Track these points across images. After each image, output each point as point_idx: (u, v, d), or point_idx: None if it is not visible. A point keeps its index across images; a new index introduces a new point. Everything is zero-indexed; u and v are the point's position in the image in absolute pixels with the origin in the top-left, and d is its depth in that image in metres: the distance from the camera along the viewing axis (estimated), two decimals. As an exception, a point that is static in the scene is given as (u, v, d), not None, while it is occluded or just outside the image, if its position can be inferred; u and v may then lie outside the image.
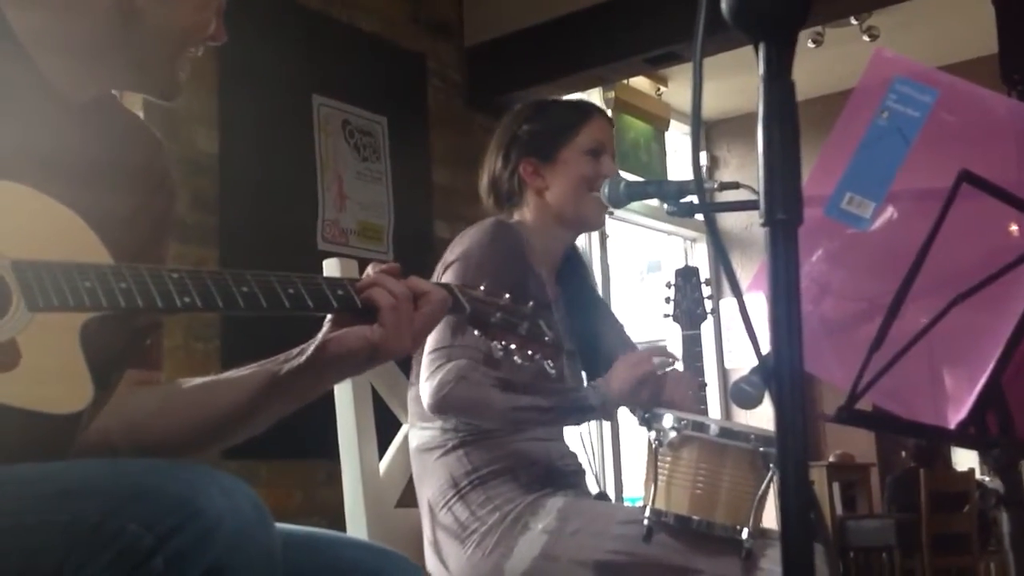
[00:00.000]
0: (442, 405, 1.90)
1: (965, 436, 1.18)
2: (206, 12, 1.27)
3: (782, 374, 0.74)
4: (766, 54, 0.80)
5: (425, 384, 1.91)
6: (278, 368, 1.22)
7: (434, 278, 2.04)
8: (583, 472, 2.13)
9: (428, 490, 2.02)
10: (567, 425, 2.11)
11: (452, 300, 1.29)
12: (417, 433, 2.07)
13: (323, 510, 3.91)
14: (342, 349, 1.20)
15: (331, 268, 1.97)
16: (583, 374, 2.20)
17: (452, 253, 2.04)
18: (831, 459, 7.32)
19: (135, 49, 1.24)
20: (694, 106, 0.87)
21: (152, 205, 1.32)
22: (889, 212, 1.22)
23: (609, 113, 2.47)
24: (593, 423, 2.28)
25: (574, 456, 2.14)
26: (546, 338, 1.36)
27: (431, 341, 1.92)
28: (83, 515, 0.89)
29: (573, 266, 2.27)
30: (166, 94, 1.30)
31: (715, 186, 2.01)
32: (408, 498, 2.13)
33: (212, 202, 4.06)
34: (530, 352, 1.35)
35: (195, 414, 1.26)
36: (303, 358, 1.21)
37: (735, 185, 2.02)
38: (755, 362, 1.78)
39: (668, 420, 1.88)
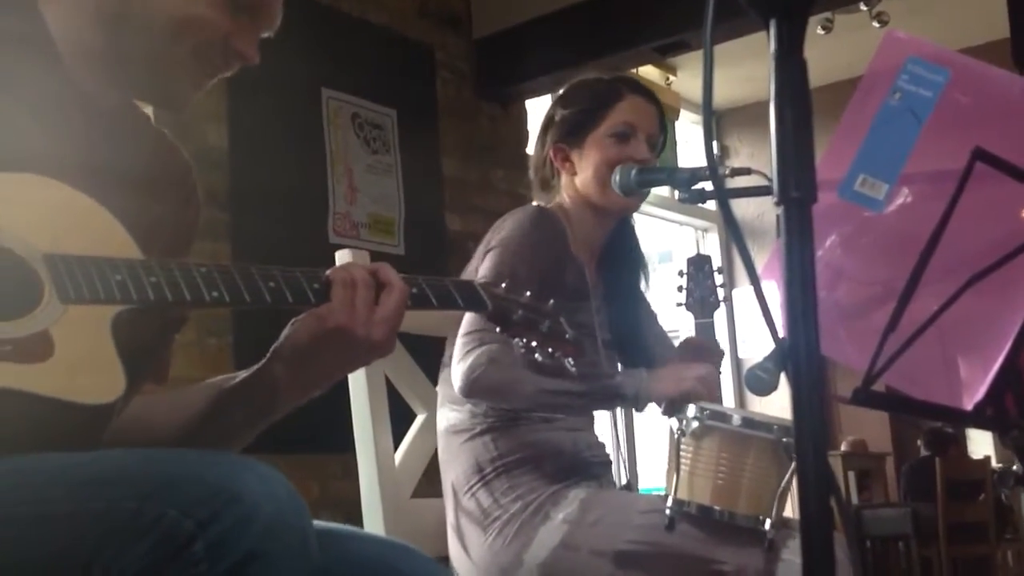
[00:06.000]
0: (473, 388, 1.89)
1: (983, 417, 1.17)
2: (200, 7, 1.22)
3: (798, 351, 0.74)
4: (777, 31, 0.79)
5: (457, 367, 1.90)
6: (237, 374, 1.22)
7: (474, 261, 2.05)
8: (609, 463, 2.12)
9: (452, 473, 2.02)
10: (597, 410, 2.10)
11: (473, 297, 1.28)
12: (446, 414, 2.06)
13: (339, 503, 3.91)
14: (299, 332, 1.18)
15: (343, 258, 1.96)
16: (619, 365, 2.17)
17: (493, 239, 2.03)
18: (844, 446, 7.30)
19: (125, 45, 1.21)
20: (705, 88, 0.86)
21: (178, 216, 1.32)
22: (903, 195, 1.21)
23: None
24: (619, 411, 2.25)
25: (601, 447, 2.12)
26: (567, 336, 1.35)
27: (464, 325, 1.92)
28: (119, 503, 0.89)
29: (617, 252, 2.23)
30: (170, 102, 1.27)
31: (727, 172, 2.00)
32: (424, 488, 2.13)
33: (223, 197, 4.06)
34: (551, 350, 1.34)
35: (166, 419, 1.25)
36: (267, 356, 1.20)
37: (747, 171, 2.01)
38: (768, 351, 1.78)
39: (690, 410, 1.87)
